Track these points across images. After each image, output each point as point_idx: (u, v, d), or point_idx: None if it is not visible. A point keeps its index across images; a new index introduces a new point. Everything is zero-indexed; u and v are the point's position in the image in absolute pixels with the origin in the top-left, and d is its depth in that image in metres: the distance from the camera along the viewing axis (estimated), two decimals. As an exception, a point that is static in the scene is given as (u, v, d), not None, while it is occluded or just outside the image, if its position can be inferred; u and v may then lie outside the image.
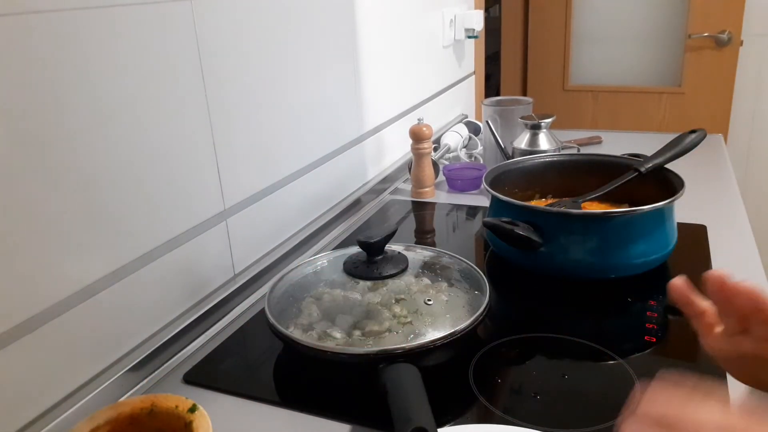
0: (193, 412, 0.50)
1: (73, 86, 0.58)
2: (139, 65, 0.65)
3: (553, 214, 0.81)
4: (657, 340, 0.70)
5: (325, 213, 1.06)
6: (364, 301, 0.66)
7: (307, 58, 0.96)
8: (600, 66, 2.53)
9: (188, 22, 0.72)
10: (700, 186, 1.16)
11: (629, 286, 0.81)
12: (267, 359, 0.71)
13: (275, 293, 0.71)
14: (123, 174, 0.65)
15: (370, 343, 0.61)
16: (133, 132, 0.66)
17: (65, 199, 0.58)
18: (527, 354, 0.69)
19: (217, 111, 0.78)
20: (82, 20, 0.59)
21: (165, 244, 0.71)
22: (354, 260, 0.72)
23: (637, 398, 0.38)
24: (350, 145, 1.13)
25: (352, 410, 0.61)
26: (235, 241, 0.84)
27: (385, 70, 1.24)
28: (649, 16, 2.39)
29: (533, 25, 2.57)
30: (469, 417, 0.59)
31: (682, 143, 0.93)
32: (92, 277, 0.62)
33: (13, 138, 0.53)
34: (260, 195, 0.88)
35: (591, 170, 0.98)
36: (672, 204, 0.82)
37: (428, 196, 1.21)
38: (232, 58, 0.79)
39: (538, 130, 1.11)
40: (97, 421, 0.50)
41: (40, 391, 0.58)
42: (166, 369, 0.70)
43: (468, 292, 0.69)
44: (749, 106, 2.40)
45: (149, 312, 0.70)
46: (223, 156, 0.80)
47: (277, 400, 0.64)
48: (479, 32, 1.69)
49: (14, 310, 0.55)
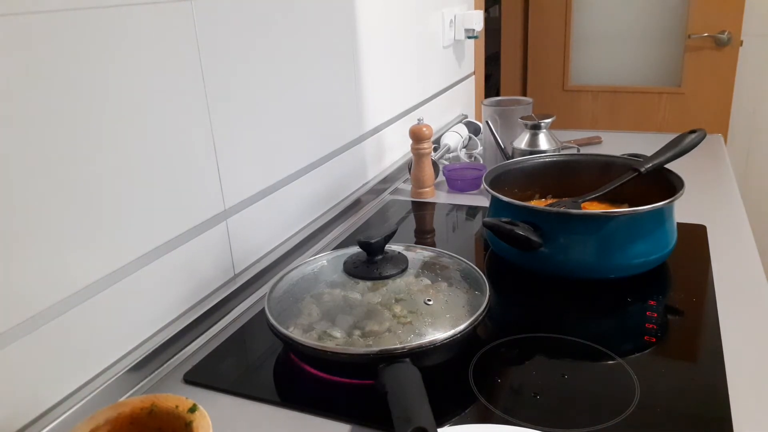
0: (193, 412, 0.50)
1: (72, 86, 0.58)
2: (139, 65, 0.65)
3: (553, 214, 0.81)
4: (657, 340, 0.70)
5: (325, 213, 1.06)
6: (364, 301, 0.66)
7: (307, 58, 0.96)
8: (600, 66, 2.53)
9: (188, 22, 0.72)
10: (700, 186, 1.16)
11: (629, 286, 0.81)
12: (267, 359, 0.71)
13: (275, 293, 0.71)
14: (123, 174, 0.65)
15: (370, 343, 0.61)
16: (133, 132, 0.66)
17: (65, 199, 0.59)
18: (527, 354, 0.69)
19: (217, 111, 0.78)
20: (82, 20, 0.59)
21: (165, 244, 0.72)
22: (354, 260, 0.72)
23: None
24: (350, 145, 1.13)
25: (352, 410, 0.61)
26: (235, 241, 0.84)
27: (385, 70, 1.24)
28: (649, 16, 2.39)
29: (533, 25, 2.57)
30: (469, 417, 0.59)
31: (682, 143, 0.93)
32: (92, 277, 0.62)
33: (12, 138, 0.53)
34: (260, 195, 0.88)
35: (591, 170, 0.98)
36: (672, 204, 0.82)
37: (428, 196, 1.21)
38: (232, 58, 0.79)
39: (538, 130, 1.11)
40: (97, 421, 0.50)
41: (40, 391, 0.58)
42: (166, 369, 0.70)
43: (468, 292, 0.69)
44: (749, 106, 2.40)
45: (149, 312, 0.70)
46: (223, 156, 0.80)
47: (277, 400, 0.64)
48: (479, 32, 1.69)
49: (14, 310, 0.55)
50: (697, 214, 1.03)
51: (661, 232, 0.82)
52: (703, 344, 0.69)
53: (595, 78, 2.55)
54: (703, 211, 1.04)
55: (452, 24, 1.61)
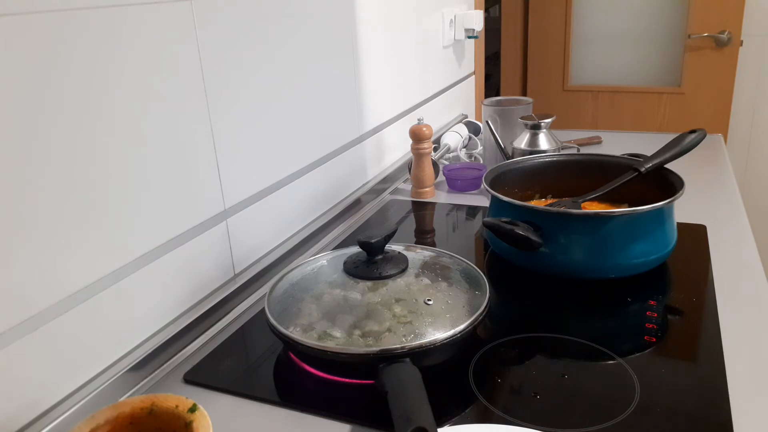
0: (193, 412, 0.50)
1: (73, 86, 0.58)
2: (139, 65, 0.65)
3: (553, 214, 0.81)
4: (657, 340, 0.70)
5: (325, 213, 1.06)
6: (364, 301, 0.66)
7: (307, 57, 0.96)
8: (600, 66, 2.53)
9: (188, 22, 0.72)
10: (700, 186, 1.16)
11: (629, 286, 0.81)
12: (267, 359, 0.71)
13: (275, 293, 0.71)
14: (123, 174, 0.65)
15: (370, 342, 0.61)
16: (134, 132, 0.66)
17: (65, 199, 0.59)
18: (527, 354, 0.69)
19: (217, 111, 0.78)
20: (82, 20, 0.59)
21: (165, 243, 0.72)
22: (354, 260, 0.72)
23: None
24: (350, 145, 1.13)
25: (352, 410, 0.61)
26: (235, 241, 0.84)
27: (385, 70, 1.24)
28: (649, 16, 2.39)
29: (533, 25, 2.57)
30: (469, 417, 0.59)
31: (682, 143, 0.93)
32: (92, 277, 0.62)
33: (13, 138, 0.53)
34: (260, 195, 0.88)
35: (591, 170, 0.98)
36: (672, 204, 0.82)
37: (428, 196, 1.21)
38: (232, 58, 0.79)
39: (538, 130, 1.11)
40: (97, 421, 0.50)
41: (40, 391, 0.58)
42: (166, 369, 0.70)
43: (468, 292, 0.69)
44: (749, 106, 2.40)
45: (149, 312, 0.70)
46: (223, 156, 0.80)
47: (277, 400, 0.64)
48: (479, 32, 1.69)
49: (14, 310, 0.55)
50: (697, 214, 1.03)
51: (661, 232, 0.82)
52: (703, 344, 0.69)
53: (595, 78, 2.55)
54: (703, 211, 1.04)
55: (452, 24, 1.61)
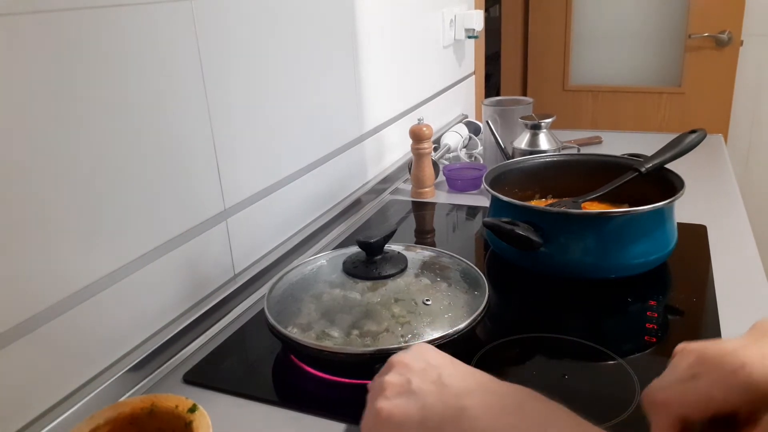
0: (193, 412, 0.50)
1: (73, 86, 0.58)
2: (139, 65, 0.65)
3: (553, 214, 0.81)
4: (657, 340, 0.70)
5: (325, 213, 1.06)
6: (363, 301, 0.66)
7: (308, 57, 0.96)
8: (600, 66, 2.53)
9: (188, 22, 0.72)
10: (700, 186, 1.16)
11: (629, 286, 0.81)
12: (267, 359, 0.71)
13: (275, 293, 0.71)
14: (123, 174, 0.65)
15: (367, 342, 0.61)
16: (134, 132, 0.66)
17: (65, 199, 0.59)
18: (527, 354, 0.69)
19: (217, 111, 0.78)
20: (82, 20, 0.59)
21: (165, 244, 0.72)
22: (353, 260, 0.71)
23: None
24: (350, 145, 1.13)
25: (350, 410, 0.61)
26: (235, 241, 0.84)
27: (385, 70, 1.24)
28: (649, 16, 2.39)
29: (533, 25, 2.57)
30: (469, 417, 0.59)
31: (682, 143, 0.93)
32: (92, 277, 0.62)
33: (13, 138, 0.53)
34: (260, 195, 0.88)
35: (591, 170, 0.98)
36: (672, 204, 0.81)
37: (428, 196, 1.21)
38: (232, 58, 0.79)
39: (538, 130, 1.11)
40: (97, 421, 0.50)
41: (40, 391, 0.58)
42: (166, 369, 0.70)
43: (467, 292, 0.69)
44: (749, 106, 2.40)
45: (149, 312, 0.70)
46: (223, 156, 0.80)
47: (277, 400, 0.64)
48: (479, 32, 1.69)
49: (14, 310, 0.55)
50: (697, 214, 1.02)
51: (661, 232, 0.82)
52: (703, 344, 0.68)
53: (595, 78, 2.55)
54: (703, 211, 1.04)
55: (452, 24, 1.61)
